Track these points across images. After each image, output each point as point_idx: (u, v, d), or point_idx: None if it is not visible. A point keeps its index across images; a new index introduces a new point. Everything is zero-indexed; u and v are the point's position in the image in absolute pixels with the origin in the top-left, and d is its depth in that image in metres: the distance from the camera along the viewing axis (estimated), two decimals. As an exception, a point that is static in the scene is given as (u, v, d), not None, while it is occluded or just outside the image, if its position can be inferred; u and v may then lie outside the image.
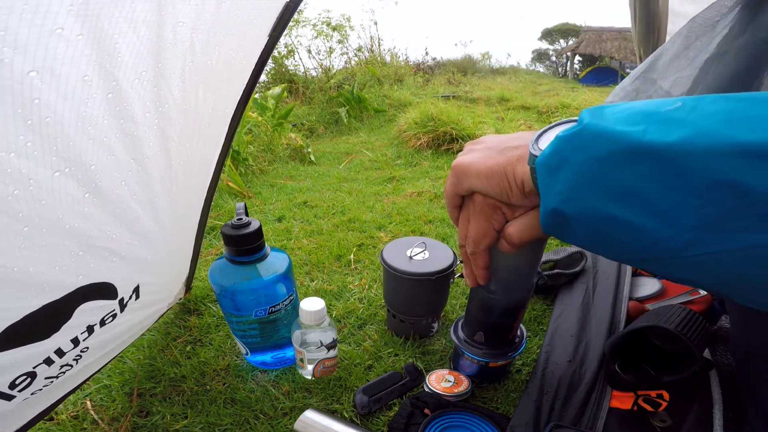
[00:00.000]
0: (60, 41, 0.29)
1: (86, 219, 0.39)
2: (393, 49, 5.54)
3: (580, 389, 0.54)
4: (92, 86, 0.34)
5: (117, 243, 0.45)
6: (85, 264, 0.42)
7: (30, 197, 0.33)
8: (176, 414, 0.54)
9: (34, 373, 0.41)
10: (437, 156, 1.80)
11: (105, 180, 0.39)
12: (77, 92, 0.33)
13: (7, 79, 0.27)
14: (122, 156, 0.41)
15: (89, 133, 0.36)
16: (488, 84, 4.19)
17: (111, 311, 0.49)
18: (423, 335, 0.66)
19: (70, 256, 0.39)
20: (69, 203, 0.37)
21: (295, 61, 3.51)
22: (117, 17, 0.33)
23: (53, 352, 0.42)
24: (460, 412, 0.51)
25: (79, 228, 0.39)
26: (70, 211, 0.37)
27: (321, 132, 2.45)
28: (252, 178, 1.54)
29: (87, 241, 0.41)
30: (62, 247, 0.38)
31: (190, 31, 0.40)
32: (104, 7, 0.31)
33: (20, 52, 0.27)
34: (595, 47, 9.34)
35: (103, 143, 0.38)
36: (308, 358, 0.56)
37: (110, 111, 0.37)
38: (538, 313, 0.72)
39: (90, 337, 0.47)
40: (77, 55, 0.31)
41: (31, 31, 0.27)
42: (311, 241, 1.00)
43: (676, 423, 0.49)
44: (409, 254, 0.61)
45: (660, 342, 0.52)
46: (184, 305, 0.76)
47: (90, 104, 0.34)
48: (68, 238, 0.38)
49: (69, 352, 0.45)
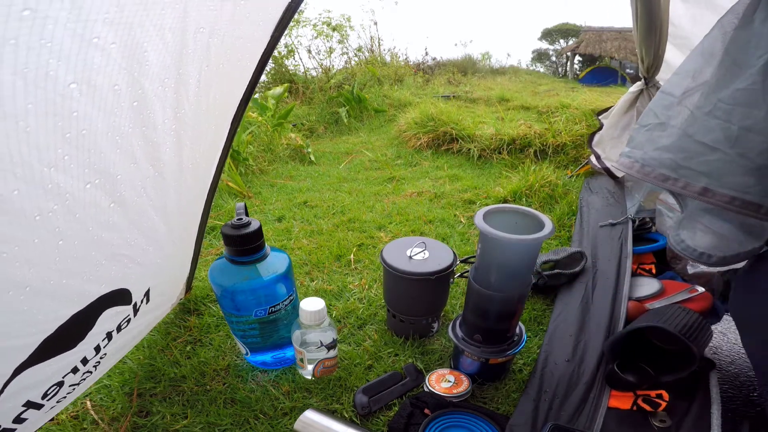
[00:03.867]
0: (96, 51, 0.29)
1: (110, 229, 0.40)
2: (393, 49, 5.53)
3: (578, 388, 0.54)
4: (121, 95, 0.34)
5: (135, 249, 0.46)
6: (107, 272, 0.43)
7: (66, 211, 0.33)
8: (176, 414, 0.54)
9: (63, 382, 0.42)
10: (437, 156, 1.80)
11: (128, 188, 0.40)
12: (108, 102, 0.33)
13: (50, 92, 0.27)
14: (143, 163, 0.41)
15: (117, 143, 0.36)
16: (488, 84, 4.19)
17: (126, 316, 0.49)
18: (423, 335, 0.66)
19: (96, 265, 0.40)
20: (96, 214, 0.37)
21: (295, 61, 3.52)
22: (147, 25, 0.33)
23: (79, 361, 0.43)
24: (460, 412, 0.51)
25: (103, 238, 0.40)
26: (97, 222, 0.38)
27: (321, 132, 2.45)
28: (252, 178, 1.54)
29: (110, 249, 0.41)
30: (89, 258, 0.39)
31: (207, 36, 0.41)
32: (137, 14, 0.31)
33: (63, 63, 0.27)
34: (595, 47, 9.32)
35: (127, 152, 0.38)
36: (308, 358, 0.56)
37: (134, 119, 0.37)
38: (538, 313, 0.72)
39: (109, 343, 0.48)
40: (110, 64, 0.31)
41: (73, 41, 0.27)
42: (311, 241, 1.00)
43: (675, 423, 0.49)
44: (409, 254, 0.61)
45: (660, 342, 0.53)
46: (184, 305, 0.76)
47: (118, 113, 0.35)
48: (95, 248, 0.39)
49: (91, 360, 0.46)
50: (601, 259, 0.81)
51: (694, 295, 0.66)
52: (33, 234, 0.31)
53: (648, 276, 0.77)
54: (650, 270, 0.79)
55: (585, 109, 1.95)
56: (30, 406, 0.39)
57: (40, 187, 0.30)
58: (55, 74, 0.27)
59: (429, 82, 4.12)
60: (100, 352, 0.47)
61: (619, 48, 9.01)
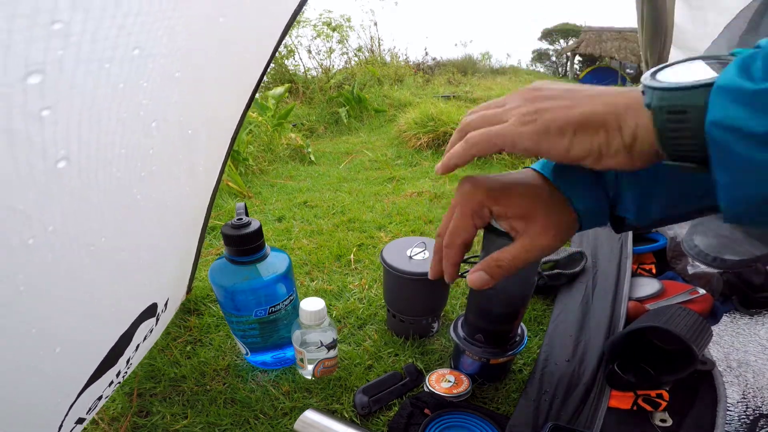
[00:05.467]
0: (173, 84, 0.30)
1: (154, 250, 0.41)
2: (393, 49, 5.54)
3: (578, 388, 0.54)
4: (182, 126, 0.35)
5: (165, 265, 0.47)
6: (147, 290, 0.45)
7: (131, 246, 0.35)
8: (176, 414, 0.54)
9: (102, 395, 0.44)
10: (437, 156, 1.80)
11: (171, 212, 0.42)
12: (173, 135, 0.35)
13: (138, 134, 0.29)
14: (184, 184, 0.43)
15: (172, 173, 0.38)
16: (488, 84, 4.19)
17: (151, 327, 0.51)
18: (423, 335, 0.66)
19: (141, 285, 0.42)
20: (148, 240, 0.39)
21: (295, 61, 3.52)
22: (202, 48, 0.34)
23: (115, 375, 0.45)
24: (460, 412, 0.51)
25: (147, 260, 0.41)
26: (147, 247, 0.40)
27: (321, 132, 2.45)
28: (252, 178, 1.54)
29: (152, 268, 0.42)
30: (138, 282, 0.41)
31: (239, 48, 0.41)
32: (201, 38, 0.32)
33: (152, 102, 0.28)
34: (595, 47, 9.32)
35: (176, 178, 0.40)
36: (308, 358, 0.56)
37: (188, 146, 0.39)
38: (538, 313, 0.72)
39: (135, 354, 0.49)
40: (180, 98, 0.32)
41: (162, 78, 0.29)
42: (311, 241, 1.00)
43: (676, 423, 0.49)
44: (409, 254, 0.61)
45: (660, 342, 0.52)
46: (184, 305, 0.76)
47: (178, 144, 0.36)
48: (141, 272, 0.41)
49: (123, 372, 0.47)
50: (601, 259, 0.81)
51: (695, 296, 0.66)
52: (108, 270, 0.33)
53: (648, 276, 0.77)
54: (650, 270, 0.79)
55: (585, 109, 1.95)
56: (78, 422, 0.41)
57: (118, 230, 0.32)
58: (144, 115, 0.28)
59: (429, 82, 4.12)
60: (129, 363, 0.48)
61: (619, 48, 9.01)
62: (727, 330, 0.66)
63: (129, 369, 0.50)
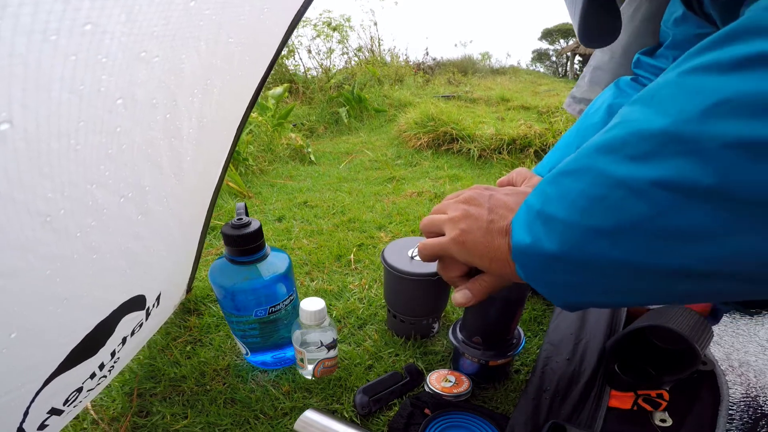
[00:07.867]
0: (141, 64, 0.29)
1: (137, 239, 0.41)
2: (393, 49, 5.54)
3: (578, 388, 0.54)
4: (157, 109, 0.34)
5: (154, 257, 0.46)
6: (129, 280, 0.43)
7: (102, 226, 0.33)
8: (176, 414, 0.54)
9: (82, 387, 0.43)
10: (437, 156, 1.80)
11: (154, 199, 0.41)
12: (146, 116, 0.33)
13: (100, 109, 0.27)
14: (168, 174, 0.42)
15: (149, 156, 0.37)
16: (488, 84, 4.19)
17: (140, 321, 0.50)
18: (423, 335, 0.66)
19: (122, 275, 0.41)
20: (127, 227, 0.38)
21: (295, 61, 3.52)
22: (187, 36, 0.33)
23: (97, 367, 0.44)
24: (460, 412, 0.51)
25: (130, 248, 0.40)
26: (127, 233, 0.39)
27: (321, 132, 2.45)
28: (252, 178, 1.54)
29: (134, 258, 0.42)
30: (117, 269, 0.39)
31: (234, 46, 0.41)
32: (180, 27, 0.31)
33: (114, 79, 0.27)
34: (595, 47, 9.29)
35: (156, 163, 0.38)
36: (308, 358, 0.56)
37: (165, 131, 0.37)
38: (538, 313, 0.72)
39: (123, 347, 0.48)
40: (151, 78, 0.31)
41: (124, 56, 0.27)
42: (311, 241, 1.00)
43: (676, 423, 0.49)
44: (410, 254, 0.61)
45: (661, 342, 0.52)
46: (184, 305, 0.76)
47: (153, 126, 0.35)
48: (123, 258, 0.40)
49: (107, 364, 0.46)
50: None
51: (695, 296, 0.66)
52: (73, 250, 0.31)
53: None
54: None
55: (585, 109, 1.95)
56: (53, 413, 0.40)
57: (83, 205, 0.30)
58: (105, 90, 0.27)
59: (429, 82, 4.12)
60: (115, 356, 0.47)
61: (619, 48, 8.95)
62: (727, 330, 0.66)
63: (116, 363, 0.49)
